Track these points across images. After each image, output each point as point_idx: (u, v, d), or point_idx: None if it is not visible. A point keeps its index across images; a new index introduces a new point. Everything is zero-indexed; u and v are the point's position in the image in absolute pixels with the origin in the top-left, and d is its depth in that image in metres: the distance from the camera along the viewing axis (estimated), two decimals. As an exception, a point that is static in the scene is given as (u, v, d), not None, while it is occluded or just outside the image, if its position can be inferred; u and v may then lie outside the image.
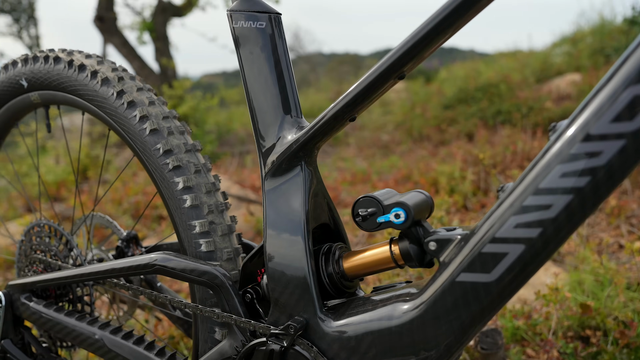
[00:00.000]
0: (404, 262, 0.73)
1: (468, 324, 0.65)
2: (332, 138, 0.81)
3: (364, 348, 0.71)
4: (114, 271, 0.93)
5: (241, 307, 0.84)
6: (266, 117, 0.82)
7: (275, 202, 0.80)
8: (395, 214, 0.69)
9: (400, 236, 0.73)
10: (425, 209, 0.73)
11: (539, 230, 0.58)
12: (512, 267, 0.60)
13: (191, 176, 0.92)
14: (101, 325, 0.99)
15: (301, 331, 0.75)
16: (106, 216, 1.26)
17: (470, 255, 0.63)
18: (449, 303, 0.65)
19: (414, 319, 0.67)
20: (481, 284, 0.62)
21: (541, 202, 0.58)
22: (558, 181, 0.56)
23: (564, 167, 0.56)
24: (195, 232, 0.90)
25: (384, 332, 0.70)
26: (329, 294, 0.79)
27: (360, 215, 0.72)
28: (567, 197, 0.56)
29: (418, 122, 5.31)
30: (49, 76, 1.08)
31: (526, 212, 0.59)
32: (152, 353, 0.93)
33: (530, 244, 0.59)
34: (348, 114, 0.74)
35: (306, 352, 0.75)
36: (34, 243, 1.18)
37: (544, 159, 0.58)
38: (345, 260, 0.79)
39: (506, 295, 0.62)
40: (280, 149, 0.80)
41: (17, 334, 1.10)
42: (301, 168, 0.79)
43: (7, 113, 1.23)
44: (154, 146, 0.93)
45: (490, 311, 0.63)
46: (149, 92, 1.00)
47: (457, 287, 0.64)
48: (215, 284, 0.84)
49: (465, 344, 0.67)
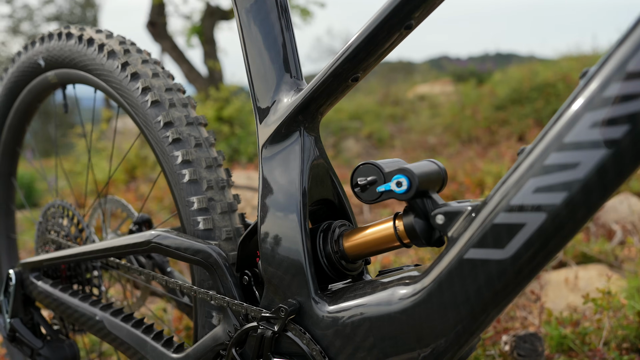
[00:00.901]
0: (410, 240, 0.63)
1: (479, 310, 0.54)
2: (336, 102, 0.72)
3: (361, 336, 0.62)
4: (112, 249, 0.89)
5: (236, 290, 0.77)
6: (264, 79, 0.75)
7: (271, 173, 0.72)
8: (397, 181, 0.60)
9: (405, 210, 0.64)
10: (436, 180, 0.63)
11: (564, 195, 0.47)
12: (530, 241, 0.50)
13: (191, 150, 0.86)
14: (103, 306, 0.96)
15: (293, 315, 0.67)
16: (121, 199, 1.23)
17: (481, 228, 0.53)
18: (457, 285, 0.55)
19: (416, 303, 0.58)
20: (494, 262, 0.52)
21: (566, 160, 0.47)
22: (587, 132, 0.46)
23: (596, 114, 0.45)
24: (194, 209, 0.84)
25: (382, 319, 0.60)
26: (327, 277, 0.71)
27: (359, 185, 0.63)
28: (599, 151, 0.45)
29: (467, 123, 5.09)
30: (62, 53, 1.07)
31: (548, 173, 0.48)
32: (149, 336, 0.88)
33: (552, 213, 0.48)
34: (349, 72, 0.66)
35: (298, 339, 0.67)
36: (49, 224, 1.17)
37: (572, 107, 0.47)
38: (346, 239, 0.70)
39: (524, 277, 0.52)
40: (277, 113, 0.72)
41: (27, 313, 1.09)
42: (300, 134, 0.71)
43: (29, 95, 1.24)
44: (155, 119, 0.89)
45: (505, 295, 0.53)
46: (155, 65, 0.96)
47: (465, 266, 0.54)
48: (210, 263, 0.78)
49: (477, 334, 0.56)
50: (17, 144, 1.37)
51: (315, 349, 0.65)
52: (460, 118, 5.35)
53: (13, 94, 1.26)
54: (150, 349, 0.86)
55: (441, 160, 4.14)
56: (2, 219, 1.46)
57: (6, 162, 1.40)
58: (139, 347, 0.88)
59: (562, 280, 1.80)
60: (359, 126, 5.78)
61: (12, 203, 1.47)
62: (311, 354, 0.65)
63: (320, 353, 0.65)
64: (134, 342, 0.88)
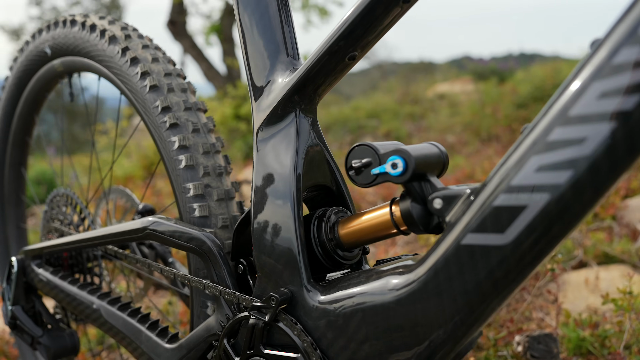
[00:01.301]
0: (407, 227, 0.60)
1: (478, 301, 0.50)
2: (335, 83, 0.69)
3: (353, 327, 0.59)
4: (108, 236, 0.87)
5: (230, 278, 0.74)
6: (259, 59, 0.72)
7: (264, 157, 0.70)
8: (393, 163, 0.56)
9: (402, 195, 0.60)
10: (435, 163, 0.59)
11: (569, 174, 0.43)
12: (532, 225, 0.45)
13: (188, 135, 0.84)
14: (100, 295, 0.94)
15: (284, 305, 0.64)
16: (126, 189, 1.22)
17: (480, 212, 0.49)
18: (453, 273, 0.51)
19: (410, 293, 0.54)
20: (493, 248, 0.48)
21: (572, 135, 0.43)
22: (595, 104, 0.41)
23: (605, 83, 0.41)
24: (189, 196, 0.82)
25: (376, 309, 0.57)
26: (323, 266, 0.68)
27: (354, 167, 0.60)
28: (608, 125, 0.41)
29: (487, 122, 4.98)
30: (67, 40, 1.06)
31: (552, 150, 0.44)
32: (144, 326, 0.86)
33: (556, 193, 0.44)
34: (345, 49, 0.63)
35: (289, 330, 0.64)
36: (53, 212, 1.16)
37: (579, 77, 0.43)
38: (341, 227, 0.66)
39: (526, 265, 0.47)
40: (273, 94, 0.69)
41: (28, 301, 1.08)
42: (295, 115, 0.68)
43: (37, 84, 1.24)
44: (153, 104, 0.87)
45: (506, 285, 0.49)
46: (155, 50, 0.94)
47: (462, 252, 0.50)
48: (203, 250, 0.75)
49: (476, 328, 0.52)
50: (26, 134, 1.38)
51: (306, 340, 0.62)
52: (480, 116, 5.25)
53: (22, 84, 1.26)
54: (145, 339, 0.84)
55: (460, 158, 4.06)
56: (12, 209, 1.46)
57: (16, 152, 1.40)
58: (134, 337, 0.86)
59: (582, 281, 1.73)
60: (377, 124, 5.72)
61: (22, 193, 1.48)
62: (302, 345, 0.62)
63: (312, 345, 0.62)
64: (129, 332, 0.87)
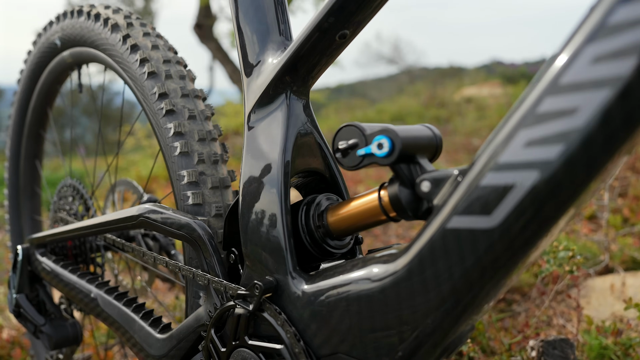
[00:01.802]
0: (396, 214, 0.56)
1: (464, 290, 0.46)
2: (328, 65, 0.66)
3: (337, 318, 0.55)
4: (105, 224, 0.87)
5: (219, 267, 0.72)
6: (251, 39, 0.70)
7: (254, 141, 0.67)
8: (378, 143, 0.53)
9: (391, 179, 0.56)
10: (426, 145, 0.56)
11: (559, 148, 0.39)
12: (521, 206, 0.41)
13: (184, 122, 0.83)
14: (98, 284, 0.94)
15: (269, 294, 0.61)
16: (132, 181, 1.22)
17: (466, 193, 0.45)
18: (438, 259, 0.47)
19: (395, 282, 0.51)
20: (479, 232, 0.44)
21: (563, 105, 0.39)
22: (588, 69, 0.37)
23: (599, 47, 0.37)
24: (184, 183, 0.80)
25: (360, 299, 0.53)
26: (311, 255, 0.65)
27: (340, 149, 0.57)
28: (602, 92, 0.37)
29: (515, 126, 4.85)
30: (74, 30, 1.06)
31: (541, 122, 0.40)
32: (137, 315, 0.84)
33: (546, 170, 0.40)
34: (336, 27, 0.60)
35: (273, 320, 0.61)
36: (60, 203, 1.17)
37: (572, 41, 0.39)
38: (330, 214, 0.63)
39: (516, 250, 0.43)
40: (264, 74, 0.67)
41: (32, 290, 1.09)
42: (286, 97, 0.66)
43: (49, 77, 1.25)
44: (151, 90, 0.86)
45: (494, 272, 0.45)
46: (156, 38, 0.94)
47: (448, 237, 0.46)
48: (194, 238, 0.73)
49: (464, 320, 0.49)
50: (40, 127, 1.40)
51: (289, 331, 0.59)
52: (509, 120, 5.12)
53: (35, 76, 1.28)
54: (138, 328, 0.83)
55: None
56: (27, 201, 1.49)
57: (31, 144, 1.42)
58: (128, 326, 0.85)
59: (607, 287, 1.64)
60: (402, 128, 5.65)
61: (37, 186, 1.50)
62: (285, 336, 0.59)
63: (295, 336, 0.59)
64: (123, 321, 0.86)
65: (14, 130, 1.41)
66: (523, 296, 1.68)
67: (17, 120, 1.39)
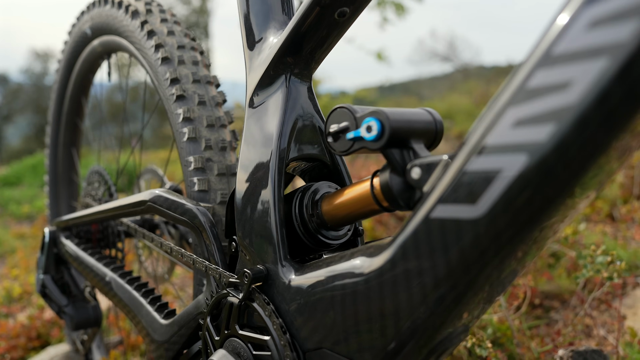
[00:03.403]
0: (388, 203, 0.52)
1: (447, 286, 0.42)
2: (331, 47, 0.63)
3: (321, 312, 0.52)
4: (116, 209, 0.88)
5: (219, 254, 0.71)
6: (253, 17, 0.67)
7: (252, 125, 0.65)
8: (367, 126, 0.49)
9: (384, 167, 0.53)
10: (422, 130, 0.52)
11: (550, 128, 0.34)
12: (507, 194, 0.37)
13: (194, 107, 0.82)
14: (114, 267, 0.95)
15: (259, 282, 0.59)
16: (158, 169, 1.23)
17: (452, 180, 0.41)
18: (422, 252, 0.43)
19: (378, 274, 0.47)
20: (464, 222, 0.40)
21: (555, 79, 0.34)
22: (584, 36, 0.32)
23: (596, 10, 0.32)
24: (191, 169, 0.80)
25: (344, 292, 0.50)
26: (306, 245, 0.62)
27: (331, 133, 0.54)
28: (599, 62, 0.32)
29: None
30: (101, 19, 1.09)
31: (531, 99, 0.35)
32: (146, 300, 0.85)
33: (536, 153, 0.35)
34: (334, 2, 0.57)
35: (261, 310, 0.59)
36: (88, 189, 1.20)
37: (568, 6, 0.34)
38: (325, 203, 0.60)
39: (504, 244, 0.39)
40: (264, 55, 0.65)
41: (58, 271, 1.12)
42: (286, 79, 0.63)
43: (82, 67, 1.29)
44: (164, 75, 0.86)
45: (481, 267, 0.40)
46: (174, 24, 0.93)
47: (431, 228, 0.42)
48: (195, 224, 0.72)
49: (452, 319, 0.44)
50: (76, 115, 1.45)
51: (276, 322, 0.56)
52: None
53: (70, 66, 1.32)
54: (145, 313, 0.83)
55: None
56: (65, 188, 1.54)
57: (68, 133, 1.48)
58: (137, 310, 0.85)
59: (659, 299, 1.51)
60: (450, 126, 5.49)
61: (74, 173, 1.55)
62: (272, 327, 0.57)
63: (281, 328, 0.56)
64: (133, 305, 0.86)
65: (54, 118, 1.47)
66: (563, 303, 1.58)
67: (56, 109, 1.44)
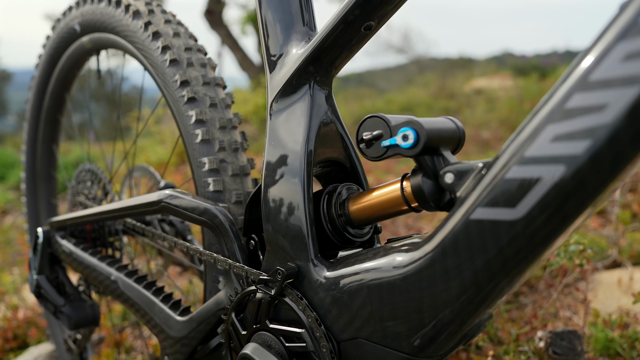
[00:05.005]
0: (418, 204, 0.57)
1: (485, 279, 0.48)
2: (351, 56, 0.67)
3: (358, 304, 0.57)
4: (126, 208, 0.88)
5: (240, 253, 0.74)
6: (275, 29, 0.70)
7: (277, 130, 0.68)
8: (404, 135, 0.54)
9: (414, 170, 0.58)
10: (449, 138, 0.57)
11: (587, 144, 0.40)
12: (545, 199, 0.43)
13: (205, 109, 0.84)
14: (119, 267, 0.96)
15: (291, 279, 0.63)
16: (149, 167, 1.24)
17: (491, 185, 0.46)
18: (461, 249, 0.48)
19: (417, 270, 0.52)
20: (503, 223, 0.45)
21: (592, 102, 0.40)
22: (619, 67, 0.38)
23: (630, 44, 0.38)
24: (205, 170, 0.82)
25: (381, 286, 0.55)
26: (332, 243, 0.66)
27: (364, 140, 0.58)
28: (631, 89, 0.38)
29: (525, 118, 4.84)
30: (94, 16, 1.07)
31: (569, 118, 0.41)
32: (157, 298, 0.87)
33: (572, 165, 0.41)
34: (361, 19, 0.61)
35: (294, 305, 0.63)
36: (79, 187, 1.19)
37: (603, 39, 0.40)
38: (352, 203, 0.65)
39: (539, 243, 0.45)
40: (288, 64, 0.68)
41: (52, 271, 1.11)
42: (309, 87, 0.67)
43: (67, 62, 1.26)
44: (172, 78, 0.87)
45: (516, 264, 0.46)
46: (177, 25, 0.94)
47: (471, 228, 0.47)
48: (215, 224, 0.75)
49: (484, 309, 0.50)
50: (57, 112, 1.41)
51: (311, 315, 0.61)
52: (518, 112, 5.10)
53: (53, 61, 1.29)
54: (158, 311, 0.85)
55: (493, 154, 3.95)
56: (44, 184, 1.51)
57: (48, 129, 1.44)
58: (148, 308, 0.87)
59: (615, 282, 1.65)
60: (410, 118, 5.63)
61: (53, 169, 1.52)
62: (307, 320, 0.61)
63: (316, 320, 0.60)
64: (143, 303, 0.88)
65: (32, 114, 1.43)
66: (530, 288, 1.70)
67: (35, 104, 1.40)
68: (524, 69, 7.51)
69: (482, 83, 7.63)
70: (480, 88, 7.19)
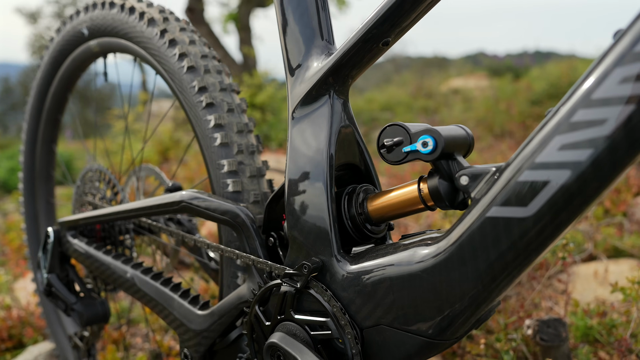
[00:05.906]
0: (434, 203, 0.64)
1: (498, 269, 0.55)
2: (367, 67, 0.73)
3: (381, 294, 0.63)
4: (144, 209, 0.93)
5: (261, 249, 0.79)
6: (296, 43, 0.76)
7: (299, 136, 0.74)
8: (423, 142, 0.61)
9: (430, 173, 0.64)
10: (462, 144, 0.64)
11: (589, 152, 0.47)
12: (553, 199, 0.50)
13: (223, 114, 0.89)
14: (134, 265, 1.00)
15: (316, 273, 0.69)
16: (155, 167, 1.27)
17: (505, 187, 0.53)
18: (477, 243, 0.55)
19: (436, 263, 0.59)
20: (516, 220, 0.52)
21: (593, 117, 0.47)
22: (616, 88, 0.45)
23: (626, 69, 0.45)
24: (224, 172, 0.87)
25: (403, 278, 0.61)
26: (351, 239, 0.72)
27: (386, 146, 0.64)
28: (627, 107, 0.45)
29: (501, 118, 5.00)
30: (105, 22, 1.11)
31: (574, 130, 0.48)
32: (176, 294, 0.91)
33: (577, 170, 0.48)
34: (379, 36, 0.67)
35: (320, 296, 0.68)
36: (86, 187, 1.22)
37: (602, 64, 0.47)
38: (370, 202, 0.71)
39: (547, 237, 0.52)
40: (308, 76, 0.74)
41: (62, 270, 1.14)
42: (329, 97, 0.73)
43: (72, 64, 1.29)
44: (190, 84, 0.92)
45: (526, 255, 0.53)
46: (192, 33, 0.99)
47: (487, 225, 0.54)
48: (237, 222, 0.80)
49: (496, 296, 0.57)
50: (59, 112, 1.43)
51: (336, 305, 0.67)
52: (494, 112, 5.26)
53: (57, 63, 1.31)
54: (177, 306, 0.90)
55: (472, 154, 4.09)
56: (43, 184, 1.53)
57: (48, 129, 1.46)
58: (167, 304, 0.91)
59: (592, 274, 1.77)
60: (390, 117, 5.75)
61: (53, 169, 1.54)
62: (332, 310, 0.67)
63: (341, 310, 0.66)
64: (161, 299, 0.92)
65: (32, 115, 1.44)
66: (514, 281, 1.79)
67: (36, 105, 1.42)
68: (499, 69, 7.72)
69: (459, 83, 7.81)
70: (457, 88, 7.36)
